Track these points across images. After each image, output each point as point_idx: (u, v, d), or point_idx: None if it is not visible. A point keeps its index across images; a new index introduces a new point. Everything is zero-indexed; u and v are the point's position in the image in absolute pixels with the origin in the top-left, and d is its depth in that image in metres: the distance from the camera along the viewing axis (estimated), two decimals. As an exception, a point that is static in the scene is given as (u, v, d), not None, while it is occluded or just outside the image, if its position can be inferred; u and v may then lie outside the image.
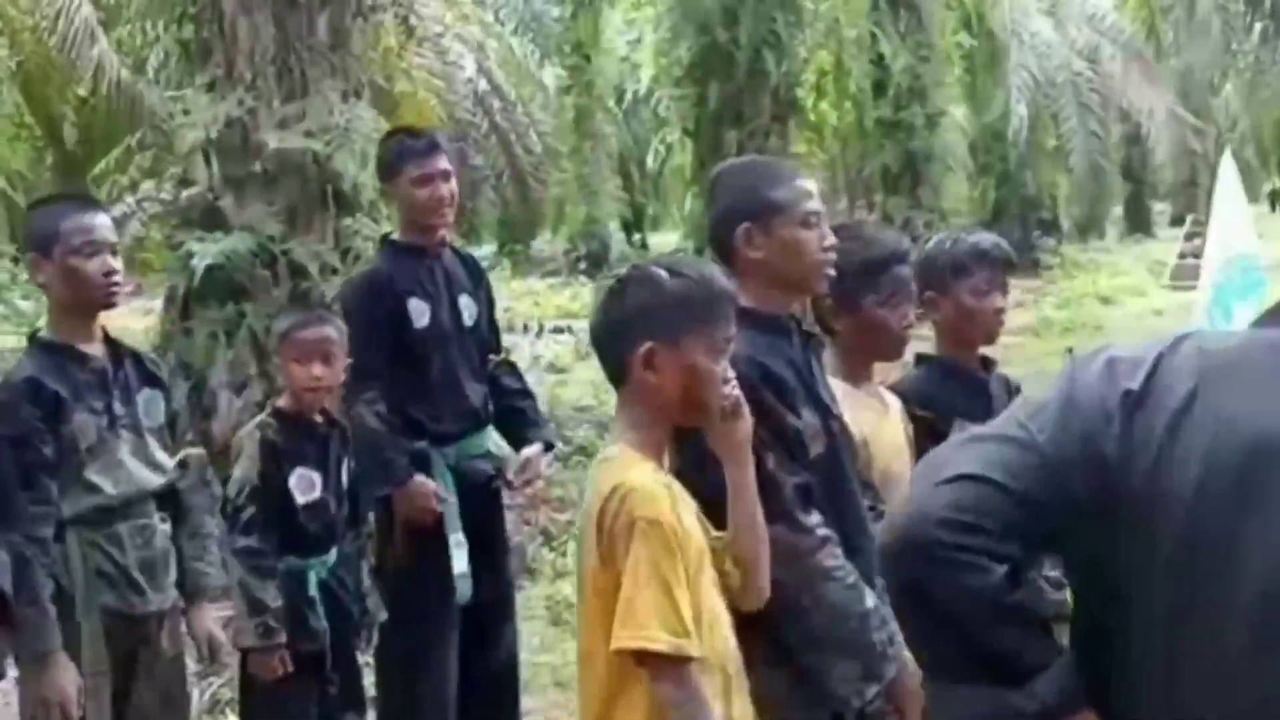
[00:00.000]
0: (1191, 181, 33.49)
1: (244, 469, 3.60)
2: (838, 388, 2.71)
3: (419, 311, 3.85)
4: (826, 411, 2.54)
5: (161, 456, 3.17)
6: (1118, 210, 32.34)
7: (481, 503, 3.93)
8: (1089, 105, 20.86)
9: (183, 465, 3.28)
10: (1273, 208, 37.23)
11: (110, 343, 3.14)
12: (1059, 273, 20.79)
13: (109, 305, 3.11)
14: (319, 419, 3.68)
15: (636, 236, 29.94)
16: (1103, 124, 21.86)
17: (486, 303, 4.07)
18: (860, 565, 2.47)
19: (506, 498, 4.24)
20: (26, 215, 3.22)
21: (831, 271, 2.59)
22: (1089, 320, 15.78)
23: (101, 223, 3.07)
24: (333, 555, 3.66)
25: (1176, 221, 34.00)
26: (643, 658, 2.04)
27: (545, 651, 5.16)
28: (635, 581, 2.03)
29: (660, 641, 2.01)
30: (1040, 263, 20.86)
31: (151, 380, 3.21)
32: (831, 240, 2.57)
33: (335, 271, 6.36)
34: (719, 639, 2.15)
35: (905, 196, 16.88)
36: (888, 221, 16.22)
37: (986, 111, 19.72)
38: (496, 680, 3.99)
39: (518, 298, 17.86)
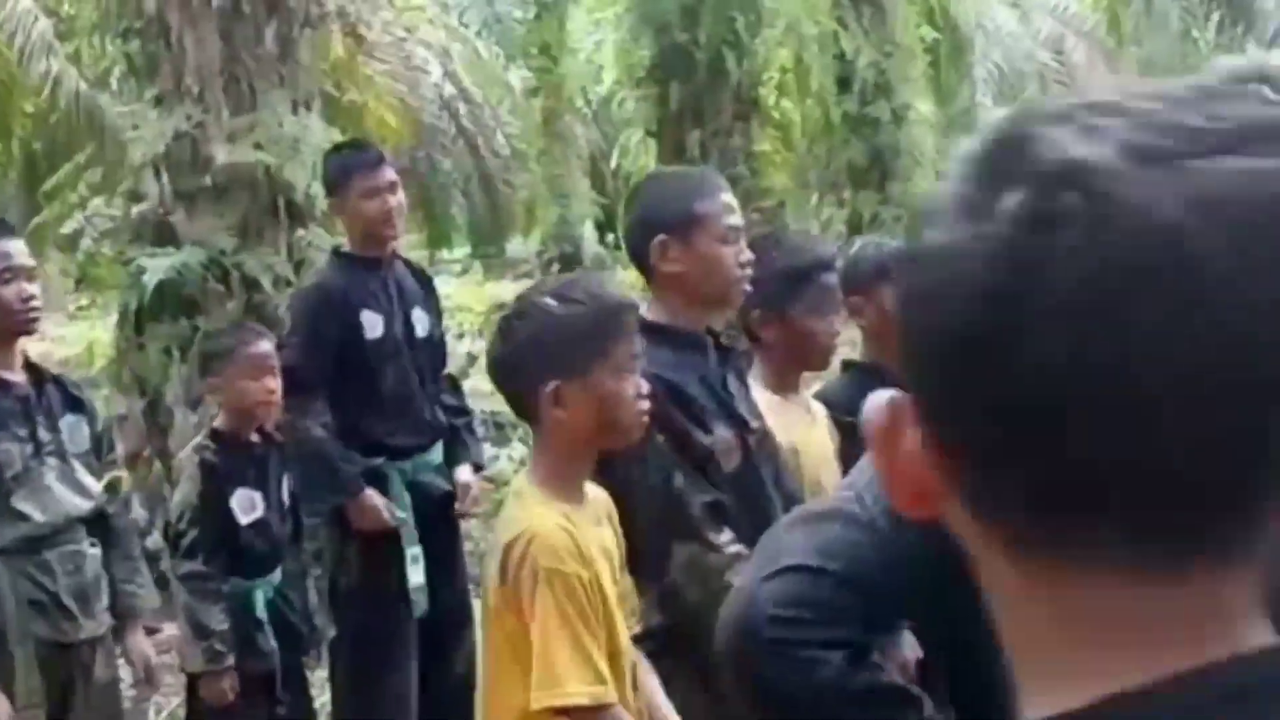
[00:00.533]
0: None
1: (184, 492, 3.60)
2: (765, 398, 2.72)
3: (372, 324, 3.86)
4: (743, 425, 2.53)
5: (89, 481, 3.16)
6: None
7: (437, 515, 3.93)
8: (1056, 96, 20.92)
9: (110, 489, 3.27)
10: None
11: (31, 368, 3.13)
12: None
13: (28, 331, 3.10)
14: (256, 438, 3.68)
15: (610, 236, 29.90)
16: (1070, 113, 21.93)
17: (436, 315, 4.08)
18: None
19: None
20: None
21: (748, 287, 2.58)
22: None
23: (16, 248, 3.06)
24: (278, 575, 3.66)
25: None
26: (564, 710, 2.06)
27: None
28: (545, 635, 2.04)
29: (580, 695, 2.04)
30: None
31: (75, 405, 3.20)
32: (748, 256, 2.57)
33: (289, 284, 6.33)
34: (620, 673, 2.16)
35: (874, 191, 16.86)
36: (857, 217, 16.27)
37: (952, 105, 19.75)
38: (455, 692, 3.99)
39: (491, 302, 17.81)
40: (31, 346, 3.17)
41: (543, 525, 2.09)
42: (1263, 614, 0.57)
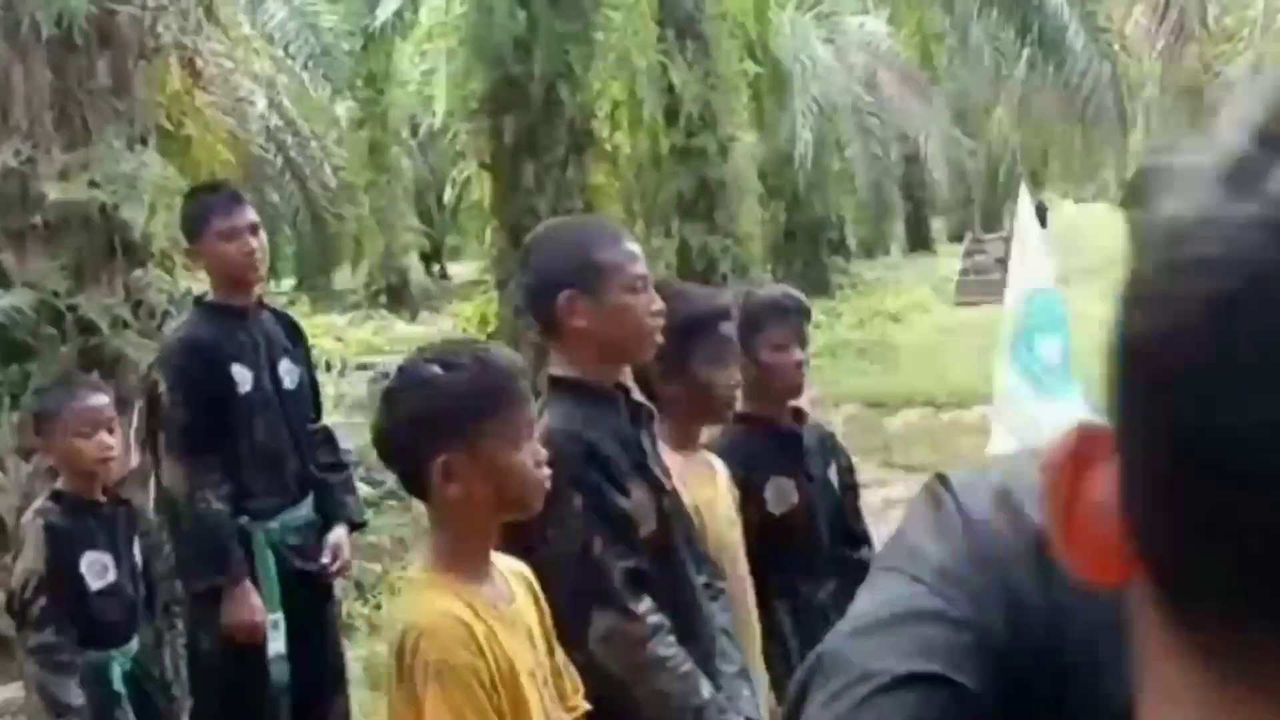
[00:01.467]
0: (967, 199, 34.87)
1: (28, 560, 3.39)
2: (667, 457, 2.68)
3: (242, 378, 3.72)
4: (659, 487, 2.50)
5: None
6: (899, 227, 33.45)
7: (303, 579, 3.79)
8: (870, 129, 21.55)
9: None
10: (1041, 222, 38.97)
11: None
12: (850, 292, 21.39)
13: None
14: (103, 498, 3.51)
15: (436, 267, 29.61)
16: (883, 145, 22.60)
17: (305, 364, 3.95)
18: (696, 652, 2.40)
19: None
20: None
21: (659, 339, 2.55)
22: (881, 339, 16.25)
23: None
24: (134, 644, 3.49)
25: (955, 237, 35.35)
26: None
27: (365, 718, 5.01)
28: None
29: None
30: (831, 283, 21.44)
31: None
32: (659, 305, 2.52)
33: (127, 325, 6.09)
34: None
35: (701, 222, 17.09)
36: (685, 247, 16.46)
37: (774, 137, 20.16)
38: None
39: (320, 334, 17.44)
40: None
41: (431, 616, 1.98)
42: None
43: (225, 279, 3.80)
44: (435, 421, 2.03)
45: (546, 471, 2.12)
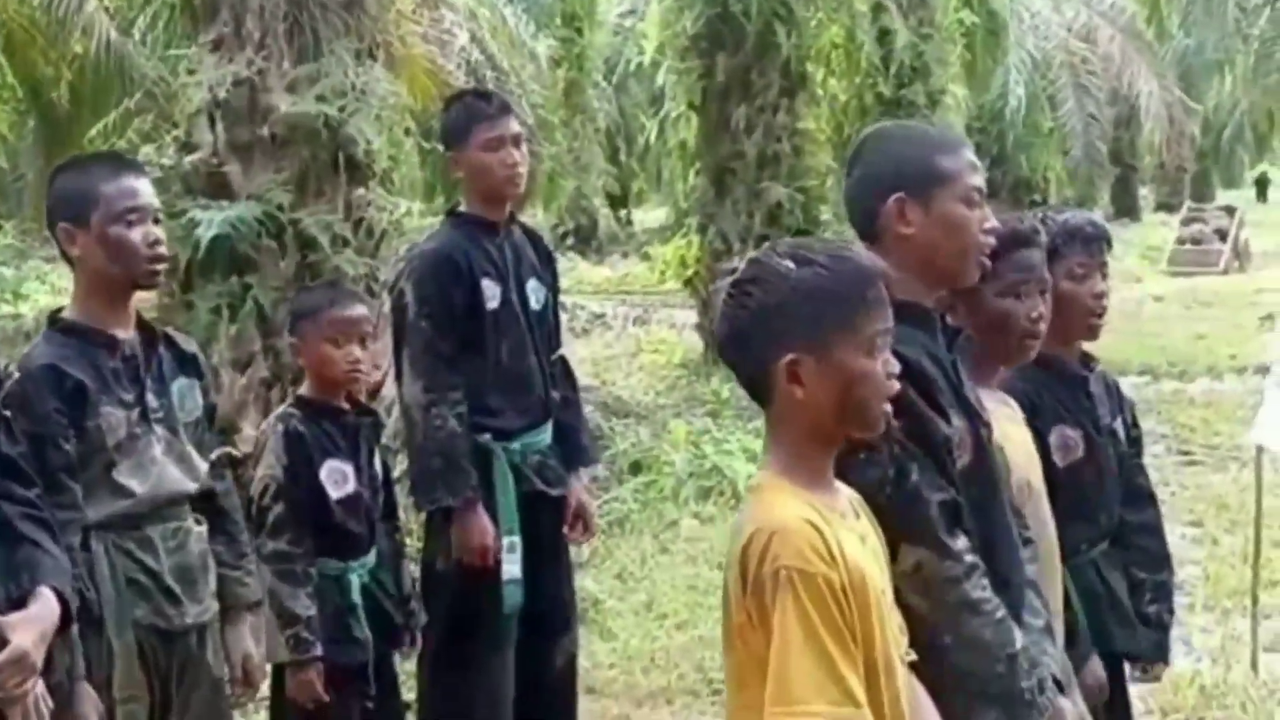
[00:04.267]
0: (1180, 167, 33.37)
1: (268, 465, 3.27)
2: (966, 394, 2.39)
3: (491, 293, 3.54)
4: (976, 417, 2.22)
5: (196, 456, 2.82)
6: (1104, 193, 32.23)
7: (541, 500, 3.62)
8: (1086, 87, 20.69)
9: (215, 465, 2.93)
10: (1260, 195, 37.09)
11: (143, 326, 2.79)
12: (1054, 257, 20.67)
13: (152, 285, 2.78)
14: (347, 406, 3.38)
15: (623, 212, 29.59)
16: (1098, 106, 21.68)
17: (552, 288, 3.76)
18: (1009, 599, 2.15)
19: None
20: (53, 178, 2.84)
21: (987, 262, 2.26)
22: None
23: (145, 187, 2.73)
24: (372, 556, 3.35)
25: (1161, 206, 33.89)
26: None
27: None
28: (785, 646, 1.73)
29: (820, 715, 1.72)
30: (1035, 247, 20.76)
31: (187, 366, 2.85)
32: (993, 224, 2.24)
33: (347, 244, 6.02)
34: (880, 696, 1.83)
35: (905, 175, 16.61)
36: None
37: (985, 91, 19.46)
38: (556, 689, 3.71)
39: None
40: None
41: (785, 520, 1.78)
42: None
43: (482, 191, 3.61)
44: (786, 317, 1.85)
45: (896, 388, 1.88)
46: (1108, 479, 3.03)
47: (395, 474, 3.70)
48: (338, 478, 3.30)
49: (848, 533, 1.86)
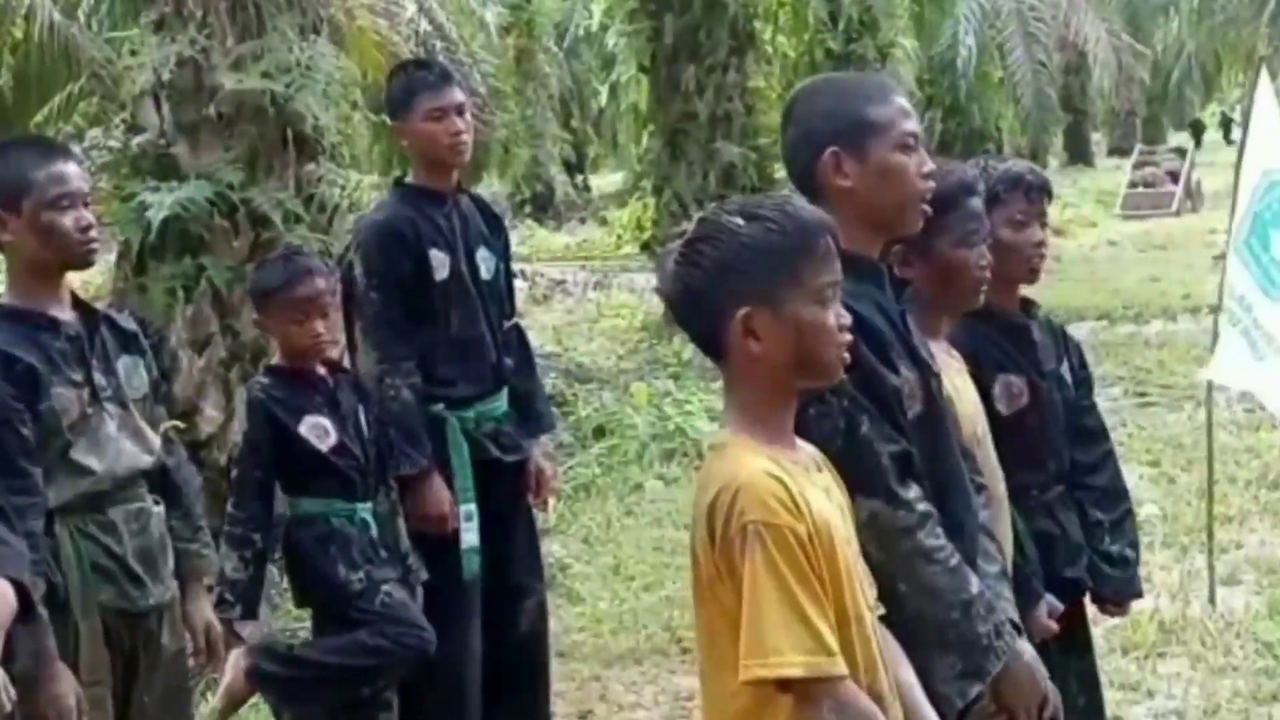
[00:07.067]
0: (1130, 111, 33.56)
1: (242, 432, 3.38)
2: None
3: (439, 263, 3.55)
4: (925, 367, 2.25)
5: (149, 431, 2.84)
6: (1057, 140, 32.39)
7: (497, 469, 3.64)
8: (1035, 35, 20.71)
9: (166, 440, 2.95)
10: (1225, 136, 37.27)
11: (80, 305, 2.81)
12: (1009, 205, 20.75)
13: (86, 264, 2.78)
14: (320, 369, 3.42)
15: (579, 178, 29.52)
16: (1047, 54, 21.73)
17: (504, 256, 3.77)
18: (963, 546, 2.18)
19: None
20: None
21: (928, 208, 2.28)
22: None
23: (75, 171, 2.73)
24: (378, 503, 3.43)
25: (1114, 151, 34.09)
26: (785, 684, 1.76)
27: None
28: (757, 598, 1.75)
29: (795, 666, 1.74)
30: (990, 196, 20.83)
31: (130, 344, 2.87)
32: (930, 167, 2.26)
33: (299, 220, 5.99)
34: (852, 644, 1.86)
35: (859, 130, 16.61)
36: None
37: (935, 44, 19.50)
38: (522, 651, 3.74)
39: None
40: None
41: (749, 474, 1.80)
42: None
43: (428, 160, 3.62)
44: (737, 274, 1.87)
45: (848, 339, 1.91)
46: (1053, 424, 3.05)
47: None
48: (319, 432, 3.37)
49: (811, 486, 1.88)
